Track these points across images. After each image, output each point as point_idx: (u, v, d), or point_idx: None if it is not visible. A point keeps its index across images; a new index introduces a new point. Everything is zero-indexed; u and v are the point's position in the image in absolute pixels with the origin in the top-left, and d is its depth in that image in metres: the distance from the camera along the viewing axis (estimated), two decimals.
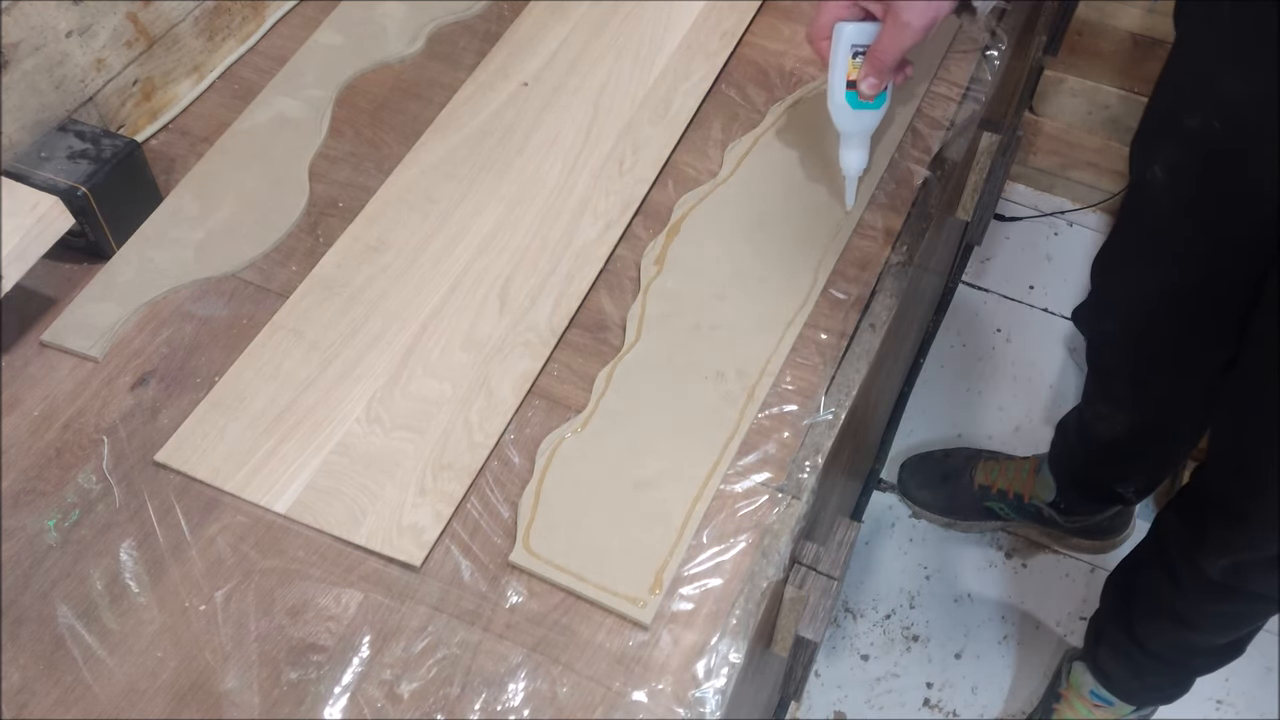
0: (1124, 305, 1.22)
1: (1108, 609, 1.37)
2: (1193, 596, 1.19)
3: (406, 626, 0.68)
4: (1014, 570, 1.63)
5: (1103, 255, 1.23)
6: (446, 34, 1.01)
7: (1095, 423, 1.39)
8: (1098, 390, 1.38)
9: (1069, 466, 1.51)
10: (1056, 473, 1.53)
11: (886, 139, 0.94)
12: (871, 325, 0.83)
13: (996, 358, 1.85)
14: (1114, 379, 1.33)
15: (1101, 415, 1.37)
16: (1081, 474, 1.50)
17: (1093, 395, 1.39)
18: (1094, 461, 1.45)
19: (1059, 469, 1.53)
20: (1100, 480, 1.48)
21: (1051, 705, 1.46)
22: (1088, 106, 1.88)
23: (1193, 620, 1.22)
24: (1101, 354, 1.33)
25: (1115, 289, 1.23)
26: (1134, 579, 1.31)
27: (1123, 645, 1.33)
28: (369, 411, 0.77)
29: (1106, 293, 1.25)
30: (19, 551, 0.70)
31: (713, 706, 0.65)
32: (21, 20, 0.79)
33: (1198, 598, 1.19)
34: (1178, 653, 1.29)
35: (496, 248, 0.86)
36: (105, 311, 0.81)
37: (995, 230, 1.99)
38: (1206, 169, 0.99)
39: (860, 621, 1.58)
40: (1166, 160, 1.03)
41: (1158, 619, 1.26)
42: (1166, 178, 1.03)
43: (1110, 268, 1.22)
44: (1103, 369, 1.35)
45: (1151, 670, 1.33)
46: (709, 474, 0.74)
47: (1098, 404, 1.38)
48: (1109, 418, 1.36)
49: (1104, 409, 1.36)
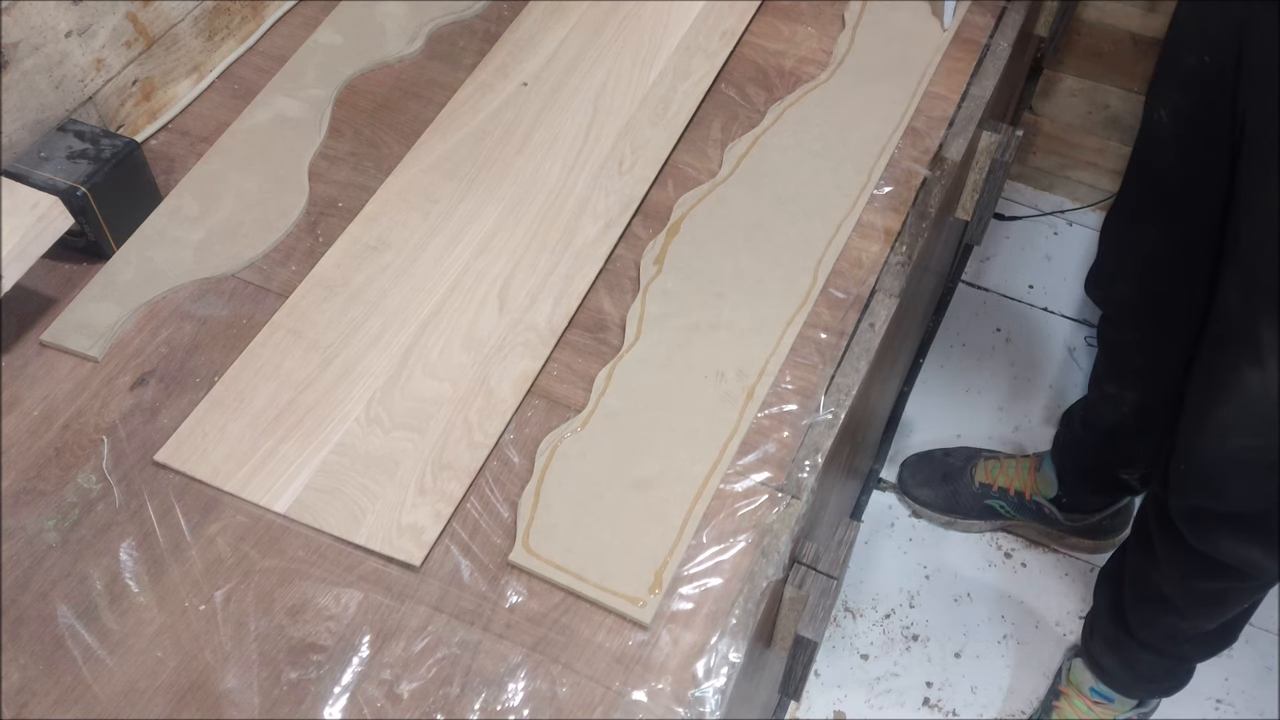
0: (1134, 263, 1.23)
1: (1100, 602, 1.39)
2: (1170, 571, 1.21)
3: (406, 626, 0.68)
4: (1014, 570, 1.63)
5: (1111, 216, 1.24)
6: (446, 34, 1.01)
7: (1102, 406, 1.40)
8: (1107, 368, 1.38)
9: (1074, 455, 1.52)
10: (1060, 464, 1.54)
11: (887, 139, 0.94)
12: (871, 325, 0.83)
13: (996, 358, 1.85)
14: (1125, 352, 1.34)
15: (1109, 396, 1.38)
16: (1086, 462, 1.50)
17: (1101, 376, 1.40)
18: (1099, 447, 1.46)
19: (1063, 459, 1.53)
20: (1105, 467, 1.48)
21: (1052, 703, 1.47)
22: (1088, 106, 1.88)
23: (1177, 602, 1.23)
24: (1114, 325, 1.34)
25: (1125, 247, 1.23)
26: (1122, 567, 1.33)
27: (1115, 636, 1.35)
28: (369, 411, 0.77)
29: (1117, 252, 1.26)
30: (19, 551, 0.70)
31: (712, 706, 0.65)
32: (21, 20, 0.79)
33: (1175, 571, 1.20)
34: (1169, 641, 1.30)
35: (496, 247, 0.86)
36: (105, 311, 0.81)
37: (995, 230, 1.99)
38: (1199, 108, 1.02)
39: (860, 621, 1.58)
40: (1170, 103, 1.06)
41: (1145, 604, 1.28)
42: (1169, 120, 1.06)
43: (1119, 225, 1.23)
44: (1114, 343, 1.36)
45: (1144, 661, 1.35)
46: (709, 474, 0.74)
47: (1106, 384, 1.39)
48: (1116, 399, 1.37)
49: (1112, 389, 1.37)
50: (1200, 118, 1.03)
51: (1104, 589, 1.39)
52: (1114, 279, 1.27)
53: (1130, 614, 1.31)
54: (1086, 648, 1.42)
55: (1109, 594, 1.37)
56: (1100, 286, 1.30)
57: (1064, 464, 1.54)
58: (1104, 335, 1.37)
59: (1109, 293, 1.30)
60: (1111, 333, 1.35)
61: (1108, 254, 1.27)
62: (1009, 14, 1.05)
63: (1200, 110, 1.03)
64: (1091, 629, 1.41)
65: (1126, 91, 1.83)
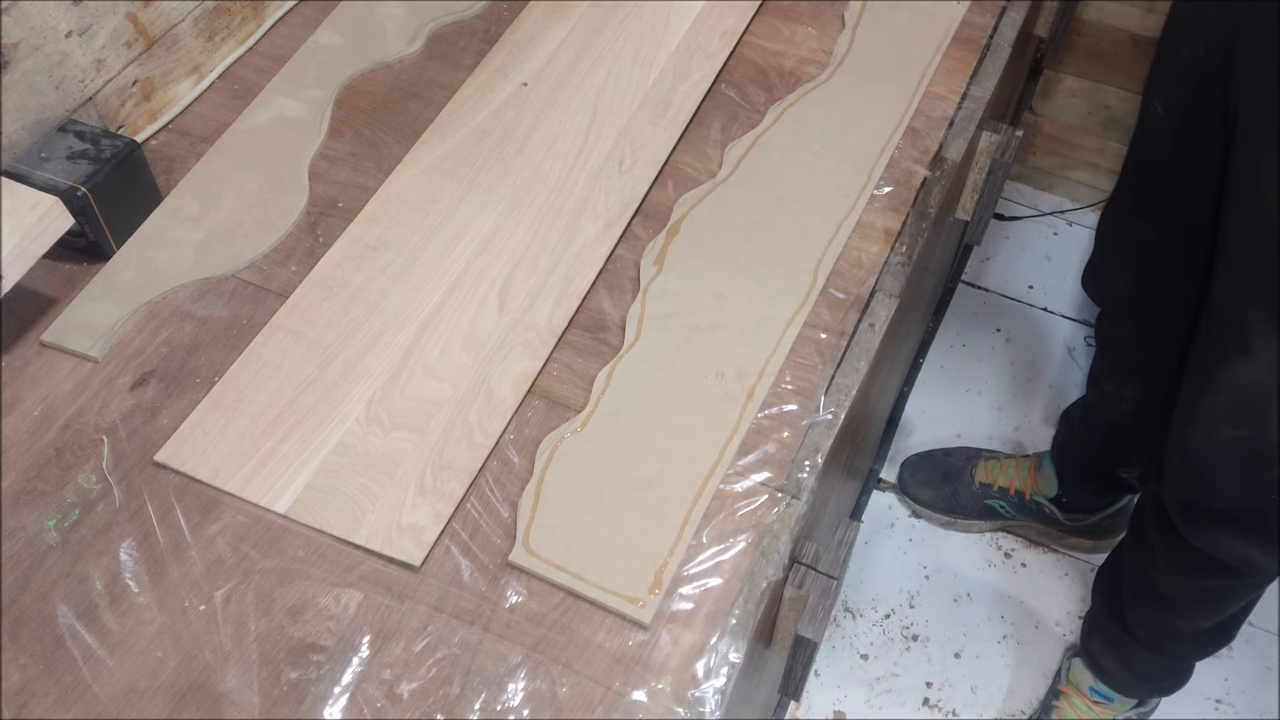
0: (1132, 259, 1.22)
1: (1098, 601, 1.39)
2: (1168, 569, 1.20)
3: (406, 626, 0.68)
4: (1014, 570, 1.63)
5: (1108, 211, 1.24)
6: (446, 34, 1.01)
7: (1101, 404, 1.40)
8: (1105, 365, 1.38)
9: (1073, 454, 1.52)
10: (1060, 464, 1.54)
11: (887, 139, 0.94)
12: (871, 325, 0.83)
13: (996, 358, 1.85)
14: (1123, 349, 1.33)
15: (1107, 394, 1.38)
16: (1085, 461, 1.50)
17: (1100, 374, 1.40)
18: (1098, 446, 1.46)
19: (1062, 459, 1.53)
20: (1104, 466, 1.48)
21: (1052, 703, 1.47)
22: (1088, 106, 1.88)
23: (1175, 600, 1.23)
24: (1112, 322, 1.33)
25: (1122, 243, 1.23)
26: (1119, 565, 1.33)
27: (1114, 635, 1.35)
28: (369, 411, 0.77)
29: (1115, 249, 1.25)
30: (19, 551, 0.70)
31: (712, 706, 0.65)
32: (21, 20, 0.79)
33: (1172, 569, 1.20)
34: (1167, 639, 1.30)
35: (496, 248, 0.86)
36: (105, 311, 0.81)
37: (995, 230, 1.99)
38: (1195, 102, 1.01)
39: (860, 621, 1.58)
40: (1165, 96, 1.05)
41: (1143, 603, 1.28)
42: (1165, 113, 1.05)
43: (1116, 221, 1.23)
44: (1112, 339, 1.35)
45: (1143, 660, 1.34)
46: (709, 474, 0.74)
47: (1104, 382, 1.38)
48: (1115, 396, 1.36)
49: (1110, 387, 1.37)
50: (1196, 112, 1.03)
51: (1102, 588, 1.39)
52: (1111, 276, 1.27)
53: (1128, 612, 1.31)
54: (1085, 647, 1.42)
55: (1107, 593, 1.37)
56: (1098, 283, 1.30)
57: (1063, 463, 1.54)
58: (1102, 332, 1.37)
59: (1107, 290, 1.30)
60: (1109, 329, 1.35)
61: (1105, 250, 1.27)
62: (1009, 14, 1.05)
63: (1196, 104, 1.03)
64: (1090, 628, 1.41)
65: (1126, 92, 1.83)
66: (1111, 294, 1.30)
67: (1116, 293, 1.28)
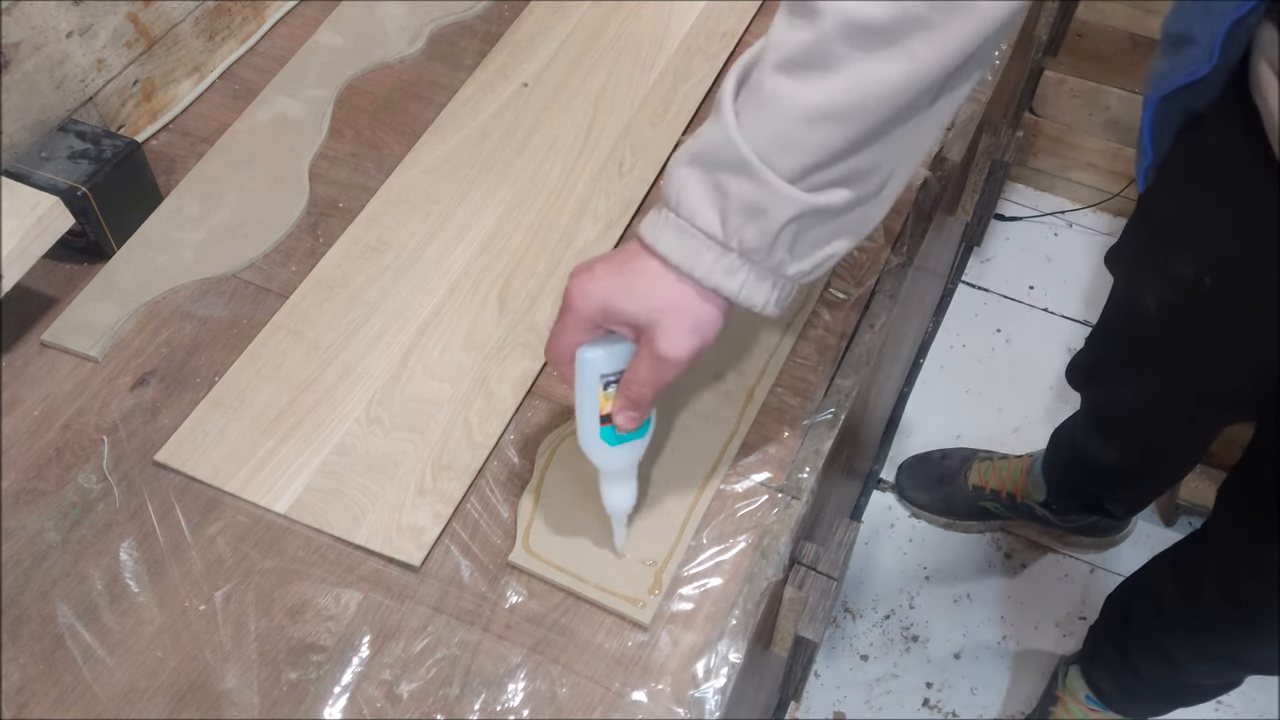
0: (1119, 409, 1.22)
1: (1105, 628, 1.36)
2: (1186, 651, 1.19)
3: (406, 626, 0.68)
4: (1013, 570, 1.63)
5: (1090, 362, 1.22)
6: (446, 34, 1.01)
7: (1088, 448, 1.38)
8: (1091, 426, 1.36)
9: (1062, 476, 1.51)
10: (1049, 479, 1.53)
11: None
12: (871, 325, 0.83)
13: (996, 358, 1.85)
14: (1110, 427, 1.32)
15: (1094, 445, 1.36)
16: (1071, 485, 1.50)
17: (1086, 427, 1.38)
18: (1086, 479, 1.45)
19: (1052, 476, 1.53)
20: (1090, 495, 1.48)
21: (1048, 708, 1.46)
22: (1088, 107, 1.88)
23: (1185, 665, 1.21)
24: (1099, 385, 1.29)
25: (1110, 396, 1.22)
26: (1131, 607, 1.29)
27: (1117, 668, 1.33)
28: (369, 412, 0.77)
29: (1100, 399, 1.24)
30: (19, 551, 0.70)
31: (712, 707, 0.65)
32: (22, 20, 0.79)
33: (1192, 656, 1.19)
34: (1171, 685, 1.29)
35: (496, 248, 0.86)
36: (105, 311, 0.81)
37: (995, 230, 1.99)
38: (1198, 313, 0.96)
39: (860, 622, 1.58)
40: (1157, 295, 1.00)
41: (1150, 653, 1.25)
42: (1157, 312, 1.01)
43: (1102, 377, 1.21)
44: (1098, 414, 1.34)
45: (1145, 695, 1.34)
46: (709, 474, 0.74)
47: (1091, 435, 1.37)
48: (1102, 449, 1.35)
49: (1097, 440, 1.35)
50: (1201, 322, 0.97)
51: (1110, 617, 1.35)
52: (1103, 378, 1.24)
53: (1134, 655, 1.28)
54: (1086, 669, 1.40)
55: (1115, 625, 1.33)
56: (1088, 384, 1.27)
57: (1052, 480, 1.53)
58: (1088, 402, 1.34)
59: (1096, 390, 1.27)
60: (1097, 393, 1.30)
61: (1091, 399, 1.26)
62: None
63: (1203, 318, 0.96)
64: (1094, 653, 1.38)
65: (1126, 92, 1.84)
66: (1101, 387, 1.26)
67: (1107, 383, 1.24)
